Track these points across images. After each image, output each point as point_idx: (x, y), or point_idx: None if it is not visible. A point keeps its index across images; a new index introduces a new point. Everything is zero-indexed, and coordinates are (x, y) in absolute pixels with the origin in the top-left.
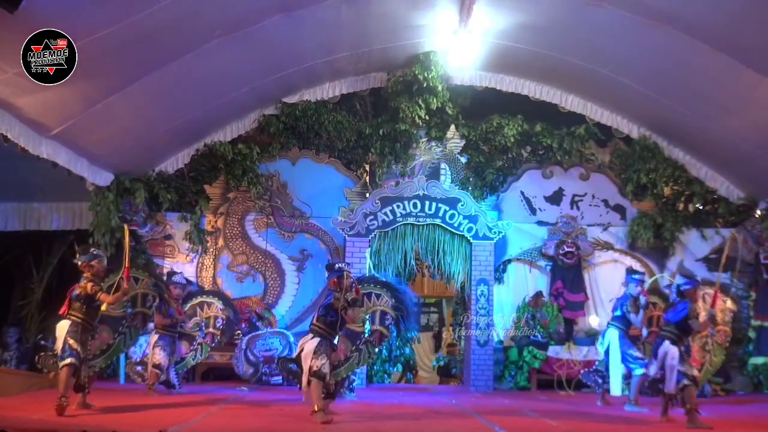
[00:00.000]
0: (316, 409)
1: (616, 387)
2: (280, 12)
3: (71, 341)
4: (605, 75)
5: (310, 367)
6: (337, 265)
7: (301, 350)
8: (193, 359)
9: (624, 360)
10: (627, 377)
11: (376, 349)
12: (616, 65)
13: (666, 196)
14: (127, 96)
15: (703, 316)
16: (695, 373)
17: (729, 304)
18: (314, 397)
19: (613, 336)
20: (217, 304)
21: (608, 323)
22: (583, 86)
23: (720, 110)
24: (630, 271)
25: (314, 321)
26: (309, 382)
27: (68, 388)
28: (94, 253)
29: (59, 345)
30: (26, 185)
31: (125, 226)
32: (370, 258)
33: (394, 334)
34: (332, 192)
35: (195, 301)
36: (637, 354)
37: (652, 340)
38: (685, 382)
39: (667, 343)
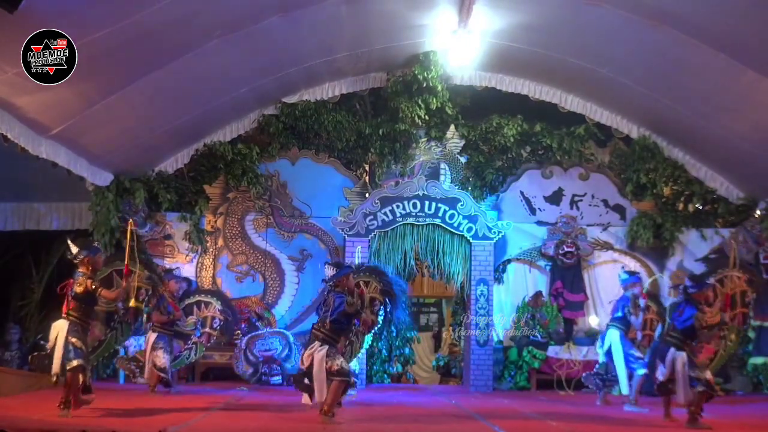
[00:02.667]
0: (326, 409)
1: (624, 386)
2: (280, 12)
3: (74, 340)
4: (605, 75)
5: (329, 369)
6: (346, 263)
7: (311, 362)
8: (187, 358)
9: (626, 361)
10: (629, 378)
11: (366, 337)
12: (615, 65)
13: (665, 196)
14: (126, 96)
15: (714, 311)
16: (708, 376)
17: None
18: (332, 396)
19: (614, 337)
20: (215, 304)
21: (608, 324)
22: (583, 86)
23: (720, 110)
24: (628, 272)
25: (321, 327)
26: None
27: (76, 392)
28: (96, 247)
29: (58, 345)
30: (26, 185)
31: (130, 222)
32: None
33: (382, 318)
34: (332, 192)
35: (193, 299)
36: (638, 354)
37: (646, 343)
38: (700, 388)
39: (674, 349)
